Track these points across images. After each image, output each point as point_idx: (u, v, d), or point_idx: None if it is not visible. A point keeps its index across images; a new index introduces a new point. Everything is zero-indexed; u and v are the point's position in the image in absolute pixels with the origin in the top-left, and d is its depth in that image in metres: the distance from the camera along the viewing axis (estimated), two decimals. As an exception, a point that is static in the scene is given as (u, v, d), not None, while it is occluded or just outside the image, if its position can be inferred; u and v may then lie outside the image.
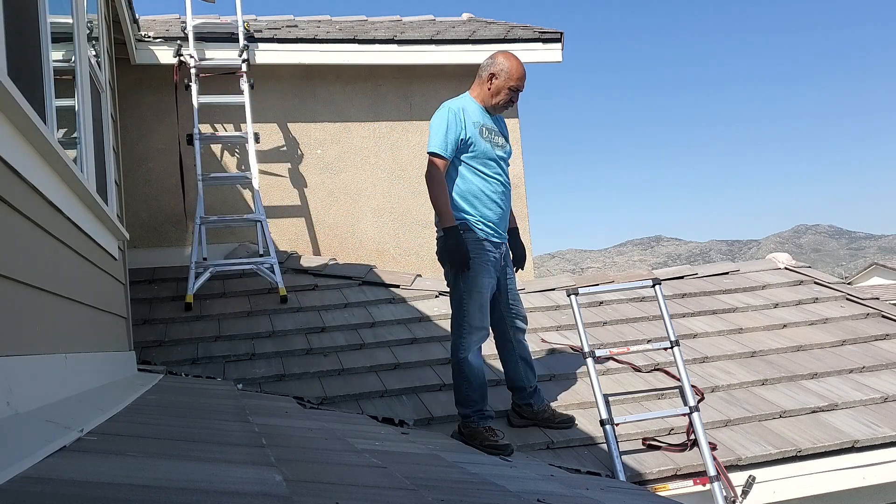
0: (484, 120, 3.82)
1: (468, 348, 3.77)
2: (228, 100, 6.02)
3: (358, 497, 1.54)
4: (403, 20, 7.25)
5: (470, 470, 2.40)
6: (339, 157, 6.55)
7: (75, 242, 2.79)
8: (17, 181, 2.00)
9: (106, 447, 1.63)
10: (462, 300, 3.78)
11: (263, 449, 1.92)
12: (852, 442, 3.88)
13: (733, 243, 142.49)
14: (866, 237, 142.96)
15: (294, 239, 6.44)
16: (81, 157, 3.23)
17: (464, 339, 3.77)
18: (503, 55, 3.86)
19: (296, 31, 6.45)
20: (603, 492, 2.55)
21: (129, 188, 5.57)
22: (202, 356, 4.71)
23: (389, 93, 6.64)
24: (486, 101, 3.85)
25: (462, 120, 3.72)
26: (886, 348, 4.85)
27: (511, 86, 3.79)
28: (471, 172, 3.75)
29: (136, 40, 5.84)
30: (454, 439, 3.77)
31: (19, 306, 1.98)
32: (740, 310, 5.43)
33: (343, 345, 4.88)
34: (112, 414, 2.17)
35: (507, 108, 3.89)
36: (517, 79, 3.79)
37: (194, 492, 1.27)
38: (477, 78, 3.90)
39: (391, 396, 4.32)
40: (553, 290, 5.80)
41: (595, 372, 3.99)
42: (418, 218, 6.61)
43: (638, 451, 3.85)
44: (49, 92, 2.55)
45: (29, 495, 1.11)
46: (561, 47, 6.61)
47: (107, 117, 4.19)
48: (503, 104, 3.85)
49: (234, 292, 5.62)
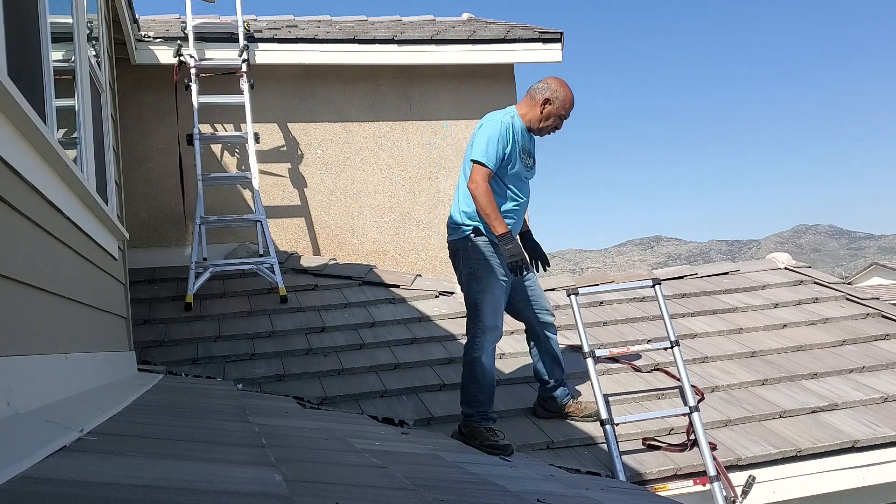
0: (524, 141, 3.87)
1: (482, 348, 3.79)
2: (228, 100, 6.02)
3: (358, 497, 1.54)
4: (403, 20, 7.25)
5: (470, 470, 2.40)
6: (339, 157, 6.55)
7: (75, 242, 2.79)
8: (17, 181, 2.00)
9: (106, 447, 1.63)
10: (476, 301, 3.81)
11: (263, 449, 1.92)
12: (852, 442, 3.88)
13: (733, 243, 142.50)
14: (866, 237, 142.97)
15: (294, 239, 6.44)
16: (81, 157, 3.23)
17: (478, 338, 3.80)
18: (558, 82, 3.87)
19: (296, 31, 6.45)
20: (603, 492, 2.55)
21: (129, 188, 5.57)
22: (202, 356, 4.71)
23: (389, 93, 6.64)
24: (534, 123, 3.87)
25: (510, 137, 3.76)
26: (886, 348, 4.85)
27: (562, 114, 3.85)
28: (497, 186, 3.78)
29: (136, 40, 5.84)
30: (454, 439, 3.77)
31: (19, 306, 1.98)
32: (740, 310, 5.43)
33: (343, 345, 4.89)
34: (112, 414, 2.17)
35: (552, 132, 3.93)
36: (569, 109, 3.85)
37: (194, 492, 1.27)
38: (527, 97, 3.91)
39: (391, 396, 4.32)
40: (553, 290, 5.79)
41: (595, 372, 3.99)
42: (418, 218, 6.61)
43: (638, 451, 3.85)
44: (49, 92, 2.55)
45: (29, 495, 1.11)
46: (561, 47, 6.60)
47: (107, 117, 4.19)
48: (549, 130, 3.90)
49: (234, 292, 5.62)
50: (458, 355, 4.75)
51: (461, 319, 5.32)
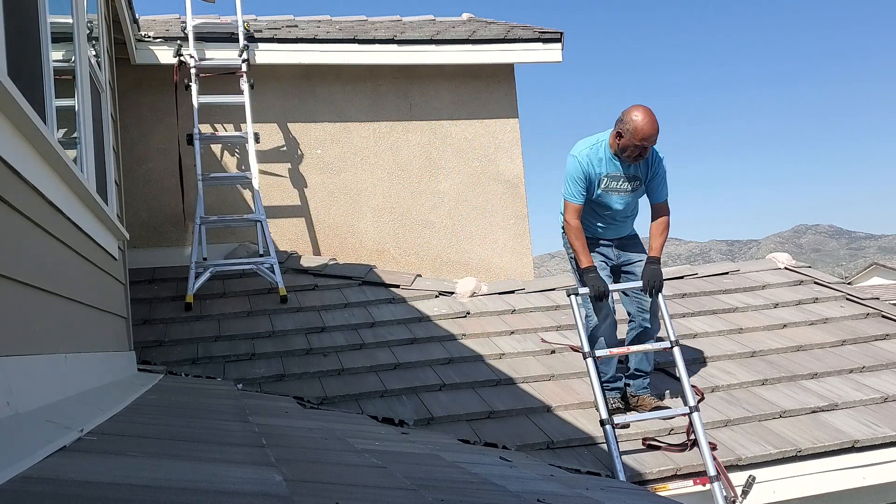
0: (608, 169, 4.06)
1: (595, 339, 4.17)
2: (228, 100, 6.02)
3: (358, 497, 1.54)
4: (403, 20, 7.25)
5: (470, 470, 2.40)
6: (339, 157, 6.55)
7: (75, 242, 2.79)
8: (17, 181, 2.00)
9: (106, 447, 1.63)
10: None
11: (263, 449, 1.92)
12: (852, 442, 3.88)
13: (733, 243, 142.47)
14: (866, 237, 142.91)
15: (294, 239, 6.44)
16: (81, 157, 3.23)
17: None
18: (632, 114, 3.91)
19: (296, 31, 6.45)
20: (603, 492, 2.55)
21: (129, 188, 5.57)
22: (202, 356, 4.71)
23: (389, 93, 6.64)
24: (618, 151, 4.02)
25: (585, 171, 4.04)
26: (886, 348, 4.85)
27: (636, 144, 3.91)
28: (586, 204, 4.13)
29: (136, 40, 5.84)
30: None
31: (19, 306, 1.98)
32: (740, 310, 5.43)
33: (343, 345, 4.89)
34: (112, 414, 2.17)
35: (638, 160, 4.00)
36: (641, 139, 3.89)
37: (194, 492, 1.27)
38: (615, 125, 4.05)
39: (391, 396, 4.32)
40: (553, 290, 5.80)
41: (595, 372, 3.99)
42: (418, 218, 6.61)
43: (638, 451, 3.86)
44: (49, 92, 2.55)
45: (29, 495, 1.11)
46: (561, 47, 6.60)
47: (107, 117, 4.19)
48: (633, 157, 3.97)
49: (234, 292, 5.62)
50: (458, 355, 4.76)
51: (461, 319, 5.33)
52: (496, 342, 4.98)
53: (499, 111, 6.76)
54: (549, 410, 4.19)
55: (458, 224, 6.64)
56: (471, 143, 6.70)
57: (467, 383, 4.44)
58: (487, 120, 6.74)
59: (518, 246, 6.75)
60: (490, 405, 4.19)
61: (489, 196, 6.70)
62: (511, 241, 6.73)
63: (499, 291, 5.80)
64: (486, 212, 6.69)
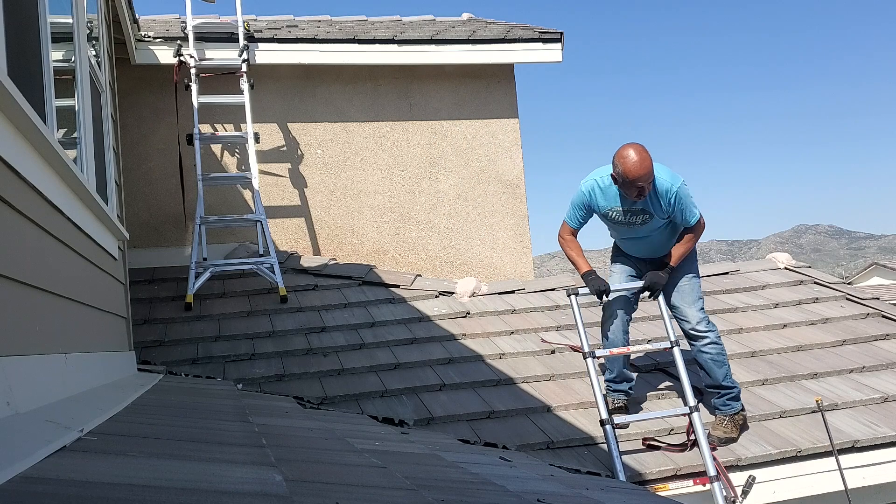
0: (613, 204, 4.06)
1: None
2: (228, 100, 6.02)
3: (358, 497, 1.54)
4: (403, 20, 7.25)
5: (470, 470, 2.40)
6: (339, 157, 6.55)
7: (75, 242, 2.79)
8: (17, 181, 2.00)
9: (106, 447, 1.63)
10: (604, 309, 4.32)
11: (263, 449, 1.92)
12: (852, 442, 3.88)
13: (733, 243, 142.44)
14: (866, 237, 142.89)
15: (294, 239, 6.44)
16: (81, 157, 3.23)
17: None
18: (621, 157, 3.85)
19: (296, 31, 6.45)
20: (603, 492, 2.55)
21: (129, 188, 5.57)
22: (202, 356, 4.71)
23: (389, 93, 6.64)
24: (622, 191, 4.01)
25: (586, 202, 4.11)
26: (886, 348, 4.85)
27: (631, 184, 3.85)
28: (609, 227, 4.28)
29: (136, 40, 5.84)
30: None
31: (19, 306, 1.98)
32: (740, 310, 5.43)
33: (343, 345, 4.89)
34: (112, 414, 2.17)
35: (641, 197, 3.93)
36: (634, 179, 3.84)
37: (194, 492, 1.27)
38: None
39: (391, 396, 4.32)
40: (553, 290, 5.80)
41: (595, 372, 3.99)
42: (418, 218, 6.61)
43: (638, 451, 3.86)
44: (49, 92, 2.55)
45: (29, 495, 1.11)
46: (561, 47, 6.60)
47: (107, 117, 4.19)
48: (635, 196, 3.92)
49: (234, 292, 5.62)
50: (457, 355, 4.76)
51: (461, 319, 5.33)
52: (496, 342, 4.98)
53: (499, 111, 6.76)
54: (549, 410, 4.19)
55: (458, 224, 6.64)
56: (471, 143, 6.70)
57: (467, 383, 4.44)
58: (487, 120, 6.74)
59: (518, 246, 6.75)
60: (490, 405, 4.19)
61: (489, 196, 6.70)
62: (511, 241, 6.73)
63: (499, 291, 5.80)
64: (485, 212, 6.69)
